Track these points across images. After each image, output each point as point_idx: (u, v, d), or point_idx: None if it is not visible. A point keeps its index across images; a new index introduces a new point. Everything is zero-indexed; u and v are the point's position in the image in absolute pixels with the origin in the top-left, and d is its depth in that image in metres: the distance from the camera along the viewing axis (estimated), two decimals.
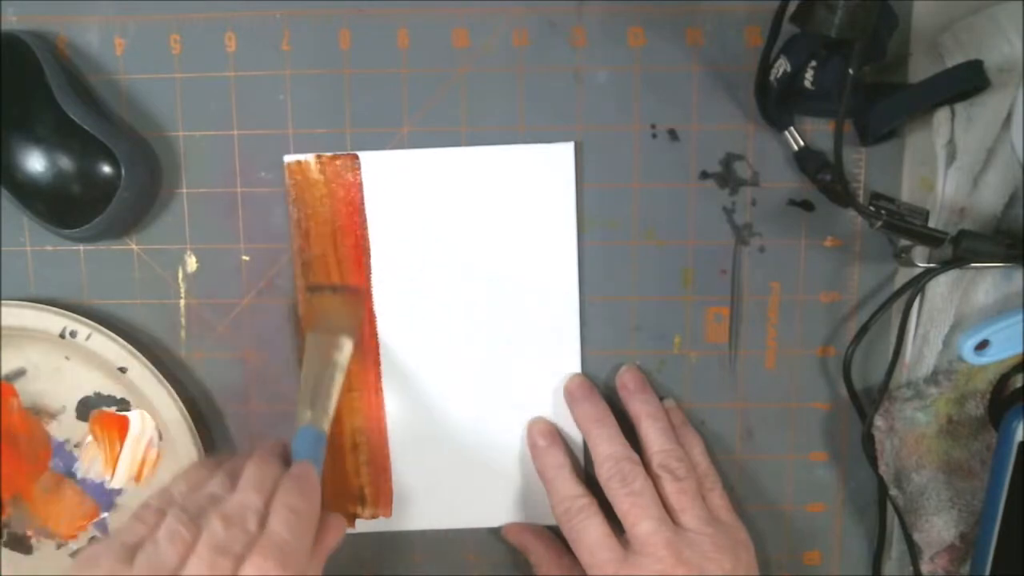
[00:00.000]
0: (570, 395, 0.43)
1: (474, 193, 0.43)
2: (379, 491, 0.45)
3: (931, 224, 0.40)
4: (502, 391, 0.44)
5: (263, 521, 0.34)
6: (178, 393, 0.43)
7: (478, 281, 0.43)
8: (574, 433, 0.44)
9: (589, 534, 0.40)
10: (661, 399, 0.44)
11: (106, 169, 0.41)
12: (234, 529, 0.33)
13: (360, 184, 0.43)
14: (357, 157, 0.43)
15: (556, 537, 0.44)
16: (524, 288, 0.43)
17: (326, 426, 0.39)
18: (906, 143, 0.42)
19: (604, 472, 0.40)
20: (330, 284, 0.43)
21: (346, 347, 0.41)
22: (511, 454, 0.45)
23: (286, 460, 0.38)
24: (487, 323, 0.44)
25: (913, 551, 0.44)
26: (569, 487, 0.41)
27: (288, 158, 0.43)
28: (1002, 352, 0.41)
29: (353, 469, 0.45)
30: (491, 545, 0.46)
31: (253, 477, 0.36)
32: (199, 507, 0.34)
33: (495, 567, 0.46)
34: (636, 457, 0.40)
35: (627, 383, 0.43)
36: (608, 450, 0.41)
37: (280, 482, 0.36)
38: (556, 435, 0.44)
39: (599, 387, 0.44)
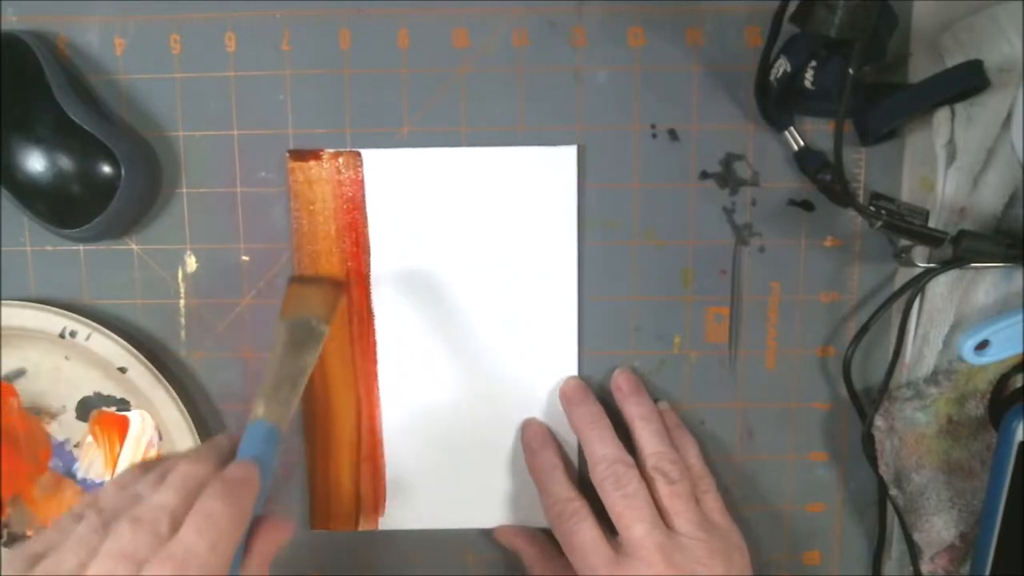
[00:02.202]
0: (565, 398, 0.43)
1: (476, 193, 0.43)
2: (372, 490, 0.45)
3: (931, 224, 0.40)
4: (498, 392, 0.44)
5: (177, 524, 0.31)
6: (178, 393, 0.43)
7: (477, 281, 0.43)
8: (568, 435, 0.44)
9: (581, 537, 0.39)
10: (655, 401, 0.44)
11: (106, 169, 0.41)
12: (142, 533, 0.30)
13: (362, 182, 0.43)
14: (359, 155, 0.43)
15: (548, 539, 0.44)
16: (523, 289, 0.43)
17: (283, 423, 0.36)
18: (906, 143, 0.42)
19: (598, 474, 0.40)
20: (311, 275, 0.43)
21: (319, 331, 0.39)
22: (505, 455, 0.45)
23: (232, 458, 0.35)
24: (485, 323, 0.44)
25: (913, 551, 0.44)
26: (561, 489, 0.41)
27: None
28: (1002, 352, 0.41)
29: (348, 468, 0.45)
30: (490, 545, 0.46)
31: (178, 477, 0.33)
32: (117, 510, 0.32)
33: (493, 567, 0.46)
34: (630, 459, 0.40)
35: (621, 385, 0.43)
36: (602, 452, 0.40)
37: (209, 483, 0.33)
38: (549, 437, 0.44)
39: (597, 389, 0.44)
